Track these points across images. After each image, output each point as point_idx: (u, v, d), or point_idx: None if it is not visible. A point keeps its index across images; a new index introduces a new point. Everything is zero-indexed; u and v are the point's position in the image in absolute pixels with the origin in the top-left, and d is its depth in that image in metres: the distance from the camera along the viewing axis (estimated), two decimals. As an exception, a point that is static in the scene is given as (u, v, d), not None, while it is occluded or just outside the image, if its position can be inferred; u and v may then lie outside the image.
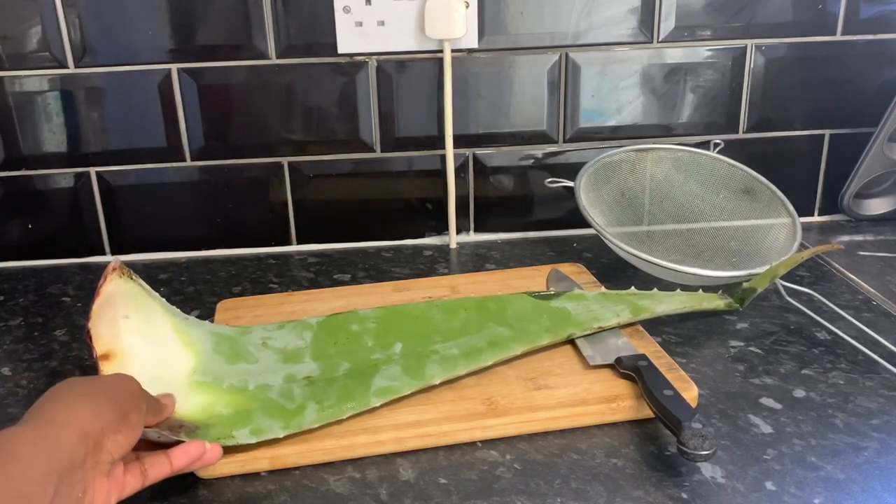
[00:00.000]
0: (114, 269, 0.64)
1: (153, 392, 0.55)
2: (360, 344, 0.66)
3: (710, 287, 0.79)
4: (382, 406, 0.61)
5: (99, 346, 0.59)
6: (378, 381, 0.62)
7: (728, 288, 0.78)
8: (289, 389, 0.61)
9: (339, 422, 0.60)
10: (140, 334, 0.61)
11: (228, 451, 0.57)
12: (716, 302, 0.75)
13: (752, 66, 0.94)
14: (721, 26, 0.92)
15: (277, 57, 0.88)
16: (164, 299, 0.66)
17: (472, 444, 0.60)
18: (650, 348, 0.68)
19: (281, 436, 0.57)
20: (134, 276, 0.65)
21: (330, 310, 0.76)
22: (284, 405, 0.59)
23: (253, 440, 0.57)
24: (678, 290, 0.76)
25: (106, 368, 0.58)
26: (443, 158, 0.93)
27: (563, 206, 0.97)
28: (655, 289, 0.75)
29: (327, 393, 0.61)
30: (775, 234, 0.86)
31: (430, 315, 0.70)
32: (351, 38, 0.88)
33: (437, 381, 0.63)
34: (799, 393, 0.65)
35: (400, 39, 0.88)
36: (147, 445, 0.54)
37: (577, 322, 0.69)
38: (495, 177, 0.96)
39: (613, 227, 0.88)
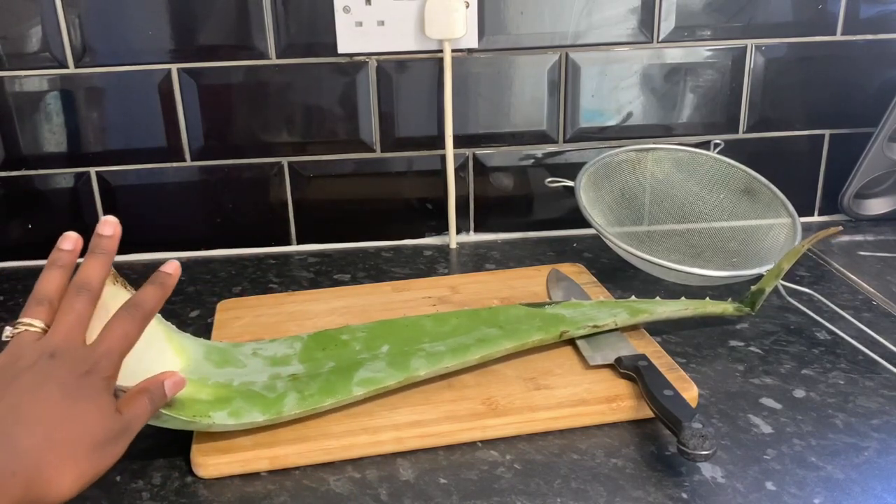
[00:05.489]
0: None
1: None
2: (349, 348, 0.67)
3: (717, 295, 0.79)
4: (368, 400, 0.61)
5: None
6: (361, 374, 0.62)
7: (733, 291, 0.78)
8: (272, 384, 0.62)
9: (322, 413, 0.60)
10: None
11: (229, 451, 0.57)
12: (723, 306, 0.74)
13: (752, 66, 0.94)
14: (721, 26, 0.92)
15: (277, 57, 0.88)
16: (157, 313, 0.66)
17: (472, 444, 0.59)
18: (650, 348, 0.68)
19: (260, 420, 0.58)
20: (128, 287, 0.65)
21: (329, 310, 0.76)
22: (266, 395, 0.60)
23: (231, 422, 0.57)
24: (682, 297, 0.75)
25: None
26: (443, 158, 0.93)
27: (563, 206, 0.97)
28: (658, 297, 0.75)
29: (309, 385, 0.61)
30: (775, 235, 0.86)
31: (420, 323, 0.70)
32: (351, 38, 0.88)
33: (422, 373, 0.62)
34: (799, 393, 0.65)
35: (400, 39, 0.88)
36: None
37: (572, 321, 0.69)
38: (495, 177, 0.96)
39: (614, 227, 0.88)
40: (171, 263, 0.57)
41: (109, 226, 0.55)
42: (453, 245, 0.96)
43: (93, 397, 0.48)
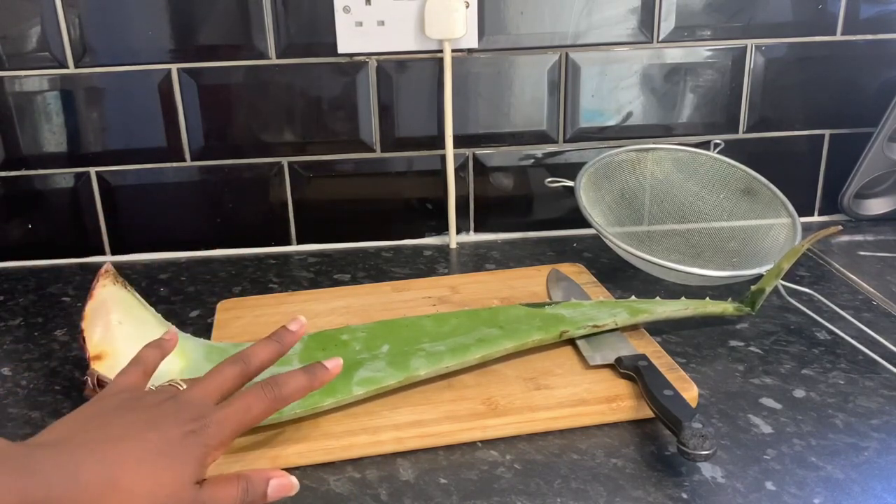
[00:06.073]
0: (106, 272, 0.64)
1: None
2: (349, 348, 0.67)
3: (717, 295, 0.78)
4: (368, 400, 0.61)
5: (92, 348, 0.61)
6: (361, 373, 0.62)
7: (733, 291, 0.78)
8: None
9: (323, 413, 0.60)
10: (132, 339, 0.62)
11: (229, 451, 0.57)
12: (723, 306, 0.74)
13: (752, 66, 0.94)
14: (721, 26, 0.92)
15: (277, 57, 0.88)
16: (157, 313, 0.66)
17: (472, 444, 0.59)
18: (650, 348, 0.68)
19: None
20: (128, 287, 0.65)
21: (329, 310, 0.76)
22: None
23: None
24: (682, 297, 0.74)
25: (98, 368, 0.60)
26: (443, 158, 0.93)
27: (563, 206, 0.97)
28: (658, 297, 0.75)
29: None
30: (775, 234, 0.86)
31: (420, 323, 0.70)
32: (351, 38, 0.88)
33: (422, 373, 0.62)
34: (799, 393, 0.65)
35: (400, 39, 0.88)
36: None
37: (572, 321, 0.69)
38: (495, 177, 0.96)
39: (614, 227, 0.88)
40: (335, 360, 0.56)
41: (298, 323, 0.58)
42: (453, 245, 0.96)
43: (181, 459, 0.46)
